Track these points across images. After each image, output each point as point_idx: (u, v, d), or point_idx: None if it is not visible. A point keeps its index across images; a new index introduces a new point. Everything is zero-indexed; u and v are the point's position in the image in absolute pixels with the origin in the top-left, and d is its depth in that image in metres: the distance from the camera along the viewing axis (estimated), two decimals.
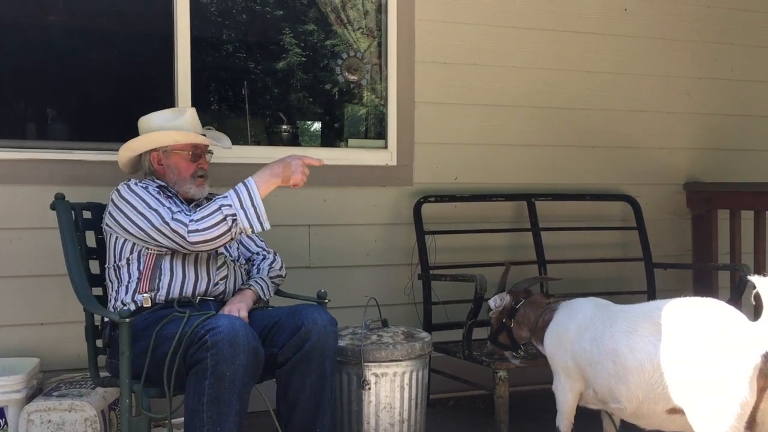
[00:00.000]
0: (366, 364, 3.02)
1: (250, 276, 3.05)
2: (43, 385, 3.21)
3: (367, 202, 3.99)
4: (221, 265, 2.91)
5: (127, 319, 2.51)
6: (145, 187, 2.80)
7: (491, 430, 3.45)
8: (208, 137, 3.04)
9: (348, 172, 3.95)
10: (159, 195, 2.79)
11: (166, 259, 2.79)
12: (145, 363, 2.57)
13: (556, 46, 4.31)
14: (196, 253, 2.77)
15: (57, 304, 3.36)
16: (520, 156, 4.26)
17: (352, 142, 4.25)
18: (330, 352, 2.74)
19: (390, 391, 3.06)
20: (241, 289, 2.94)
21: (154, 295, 2.76)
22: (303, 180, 2.77)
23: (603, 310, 2.82)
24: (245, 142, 4.38)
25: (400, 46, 4.04)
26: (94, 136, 3.69)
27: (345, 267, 3.93)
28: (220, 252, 2.91)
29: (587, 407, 2.90)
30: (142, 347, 2.59)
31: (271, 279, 3.05)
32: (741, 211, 4.33)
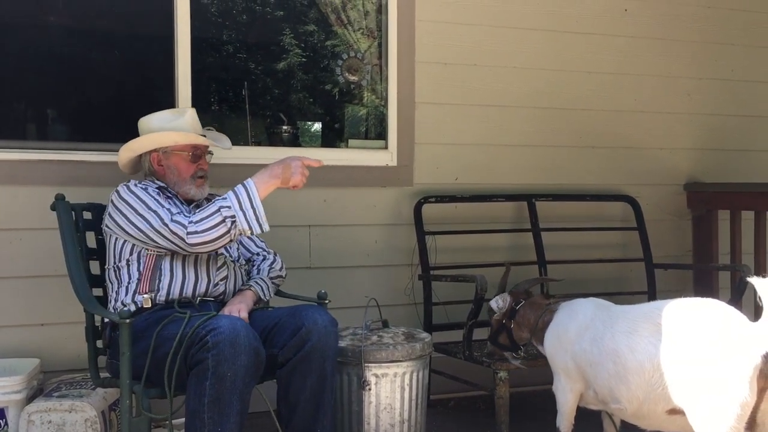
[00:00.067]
0: (366, 364, 3.02)
1: (250, 276, 3.05)
2: (43, 386, 3.21)
3: (367, 203, 3.99)
4: (221, 266, 2.91)
5: (128, 320, 2.51)
6: (144, 189, 2.80)
7: (492, 430, 3.44)
8: (208, 138, 3.04)
9: (348, 173, 3.95)
10: (158, 196, 2.80)
11: (166, 259, 2.79)
12: (146, 364, 2.57)
13: (556, 47, 4.31)
14: (195, 254, 2.77)
15: (57, 305, 3.36)
16: (521, 156, 4.26)
17: (352, 142, 4.25)
18: (330, 352, 2.74)
19: (390, 392, 3.06)
20: (241, 290, 2.94)
21: (154, 295, 2.76)
22: (303, 181, 2.77)
23: (603, 310, 2.82)
24: (246, 143, 4.38)
25: (400, 47, 4.04)
26: (94, 137, 3.69)
27: (345, 267, 3.93)
28: (220, 253, 2.91)
29: (587, 408, 2.90)
30: (142, 348, 2.59)
31: (271, 279, 3.05)
32: (741, 212, 4.33)
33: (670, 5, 4.53)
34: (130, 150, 2.98)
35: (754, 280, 2.38)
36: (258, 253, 3.15)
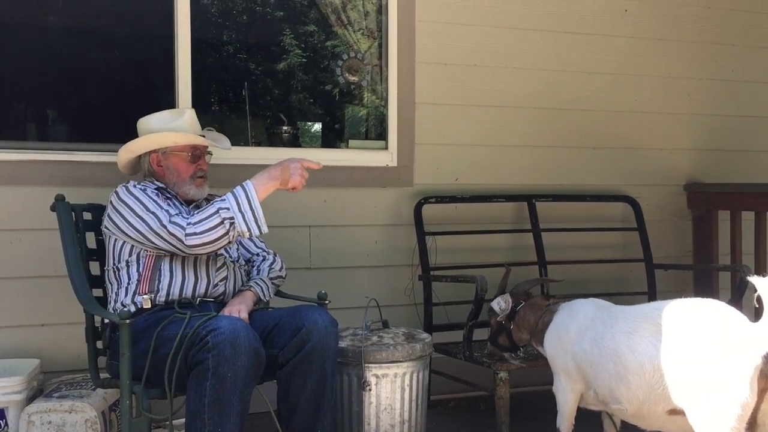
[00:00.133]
0: (366, 365, 3.02)
1: (250, 277, 3.05)
2: (43, 387, 3.21)
3: (367, 203, 3.99)
4: (221, 267, 2.91)
5: (127, 321, 2.51)
6: (143, 190, 2.80)
7: (492, 431, 3.44)
8: (208, 138, 3.04)
9: (348, 173, 3.95)
10: (157, 197, 2.79)
11: (166, 260, 2.79)
12: (146, 364, 2.57)
13: (556, 48, 4.31)
14: (194, 255, 2.77)
15: (57, 306, 3.35)
16: (521, 157, 4.26)
17: (352, 143, 4.25)
18: (331, 353, 2.74)
19: (391, 392, 3.05)
20: (241, 291, 2.94)
21: (153, 296, 2.76)
22: (302, 183, 2.77)
23: (603, 311, 2.82)
24: (246, 143, 4.38)
25: (400, 47, 4.04)
26: (94, 137, 3.69)
27: (345, 268, 3.93)
28: (220, 253, 2.90)
29: (588, 408, 2.90)
30: (142, 348, 2.59)
31: (271, 280, 3.04)
32: (741, 212, 4.33)
33: (670, 6, 4.53)
34: (129, 151, 2.98)
35: (755, 280, 2.38)
36: (258, 254, 3.15)
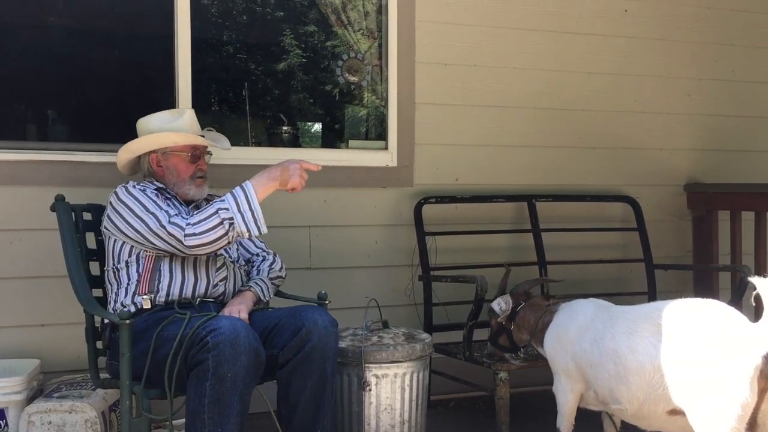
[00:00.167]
0: (367, 365, 3.02)
1: (250, 277, 3.05)
2: (43, 387, 3.21)
3: (367, 203, 3.99)
4: (220, 267, 2.91)
5: (127, 321, 2.51)
6: (142, 190, 2.80)
7: (492, 431, 3.44)
8: (207, 138, 3.04)
9: (348, 173, 3.95)
10: (157, 197, 2.79)
11: (165, 261, 2.78)
12: (146, 364, 2.57)
13: (556, 48, 4.31)
14: (194, 255, 2.76)
15: (57, 306, 3.35)
16: (521, 157, 4.26)
17: (352, 143, 4.25)
18: (331, 353, 2.74)
19: (391, 393, 3.05)
20: (240, 291, 2.94)
21: (153, 296, 2.76)
22: (301, 184, 2.77)
23: (603, 311, 2.82)
24: (246, 144, 4.38)
25: (400, 48, 4.04)
26: (94, 138, 3.69)
27: (345, 268, 3.93)
28: (219, 254, 2.90)
29: (588, 408, 2.90)
30: (142, 349, 2.59)
31: (270, 280, 3.04)
32: (741, 212, 4.33)
33: (670, 6, 4.53)
34: (128, 151, 2.98)
35: (755, 280, 2.38)
36: (257, 254, 3.15)
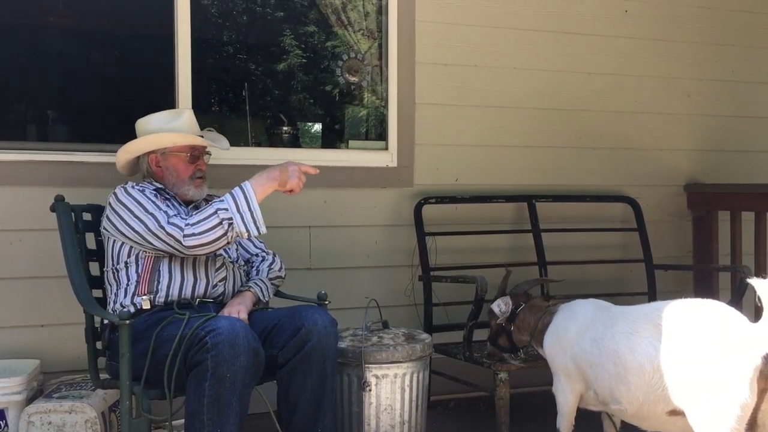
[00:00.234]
0: (366, 365, 3.02)
1: (250, 278, 3.05)
2: (43, 387, 3.21)
3: (367, 204, 3.99)
4: (220, 267, 2.91)
5: (127, 321, 2.52)
6: (141, 190, 2.80)
7: (492, 431, 3.44)
8: (206, 139, 3.04)
9: (348, 174, 3.95)
10: (156, 198, 2.79)
11: (165, 261, 2.78)
12: (145, 365, 2.57)
13: (557, 48, 4.31)
14: (193, 256, 2.76)
15: (57, 306, 3.36)
16: (521, 157, 4.26)
17: (352, 143, 4.25)
18: (330, 352, 2.74)
19: (391, 393, 3.05)
20: (240, 291, 2.94)
21: (153, 297, 2.76)
22: (299, 185, 2.78)
23: (603, 311, 2.82)
24: (246, 144, 4.38)
25: (400, 48, 4.04)
26: (94, 138, 3.69)
27: (345, 268, 3.93)
28: (219, 254, 2.90)
29: (588, 409, 2.90)
30: (141, 349, 2.59)
31: (270, 280, 3.04)
32: (741, 213, 4.33)
33: (670, 6, 4.53)
34: (127, 152, 2.98)
35: (755, 281, 2.38)
36: (257, 254, 3.15)
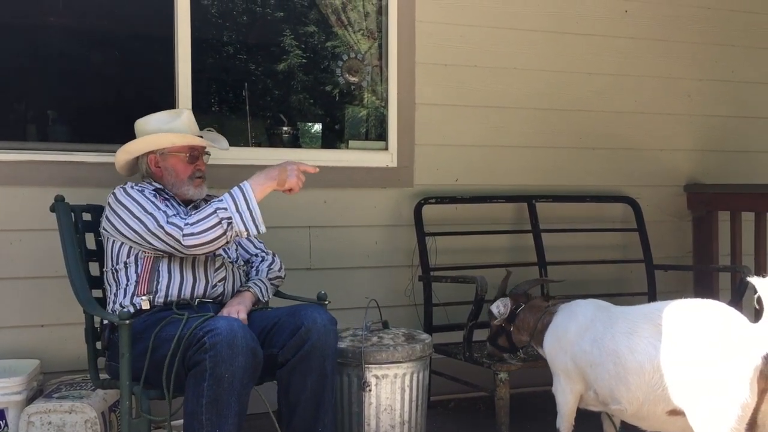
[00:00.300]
0: (366, 365, 3.02)
1: (249, 278, 3.05)
2: (43, 387, 3.21)
3: (367, 204, 3.99)
4: (219, 267, 2.91)
5: (127, 321, 2.51)
6: (141, 191, 2.80)
7: (492, 431, 3.44)
8: (205, 139, 3.04)
9: (348, 174, 3.95)
10: (155, 198, 2.79)
11: (164, 261, 2.78)
12: (144, 365, 2.57)
13: (557, 48, 4.31)
14: (192, 256, 2.76)
15: (57, 306, 3.35)
16: (521, 157, 4.26)
17: (352, 143, 4.25)
18: (330, 351, 2.73)
19: (390, 393, 3.05)
20: (239, 291, 2.94)
21: (152, 297, 2.76)
22: (298, 185, 2.78)
23: (603, 311, 2.82)
24: (246, 144, 4.38)
25: (400, 48, 4.04)
26: (94, 138, 3.69)
27: (345, 269, 3.93)
28: (218, 254, 2.90)
29: (587, 409, 2.90)
30: (140, 349, 2.59)
31: (270, 280, 3.04)
32: (741, 213, 4.33)
33: (670, 6, 4.53)
34: (127, 152, 2.98)
35: (755, 280, 2.38)
36: (257, 254, 3.15)
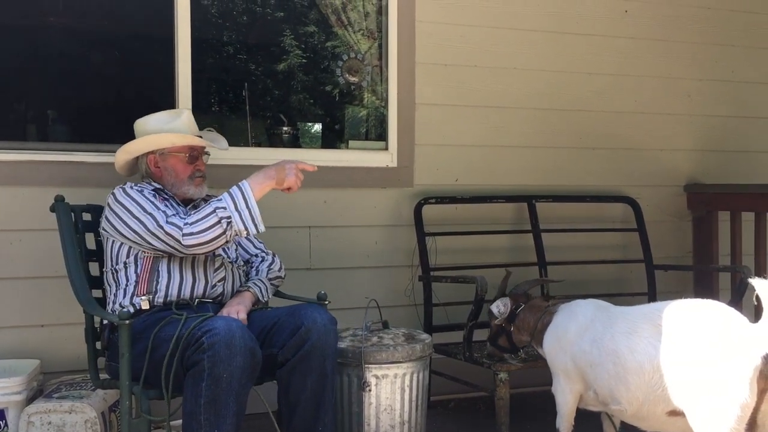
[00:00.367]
0: (366, 365, 3.02)
1: (249, 278, 3.05)
2: (43, 387, 3.21)
3: (367, 204, 3.99)
4: (219, 267, 2.91)
5: (126, 321, 2.52)
6: (140, 191, 2.80)
7: (492, 431, 3.44)
8: (205, 139, 3.04)
9: (348, 174, 3.95)
10: (154, 198, 2.79)
11: (164, 261, 2.78)
12: (144, 365, 2.57)
13: (557, 48, 4.31)
14: (192, 255, 2.76)
15: (57, 306, 3.35)
16: (521, 157, 4.26)
17: (352, 143, 4.25)
18: (330, 351, 2.73)
19: (390, 393, 3.05)
20: (239, 291, 2.94)
21: (152, 297, 2.76)
22: (297, 183, 2.78)
23: (603, 311, 2.82)
24: (246, 144, 4.38)
25: (400, 48, 4.04)
26: (94, 138, 3.69)
27: (345, 269, 3.93)
28: (218, 254, 2.90)
29: (587, 409, 2.90)
30: (140, 349, 2.59)
31: (269, 280, 3.04)
32: (741, 213, 4.32)
33: (670, 6, 4.53)
34: (126, 152, 2.98)
35: (755, 281, 2.38)
36: (256, 254, 3.15)
